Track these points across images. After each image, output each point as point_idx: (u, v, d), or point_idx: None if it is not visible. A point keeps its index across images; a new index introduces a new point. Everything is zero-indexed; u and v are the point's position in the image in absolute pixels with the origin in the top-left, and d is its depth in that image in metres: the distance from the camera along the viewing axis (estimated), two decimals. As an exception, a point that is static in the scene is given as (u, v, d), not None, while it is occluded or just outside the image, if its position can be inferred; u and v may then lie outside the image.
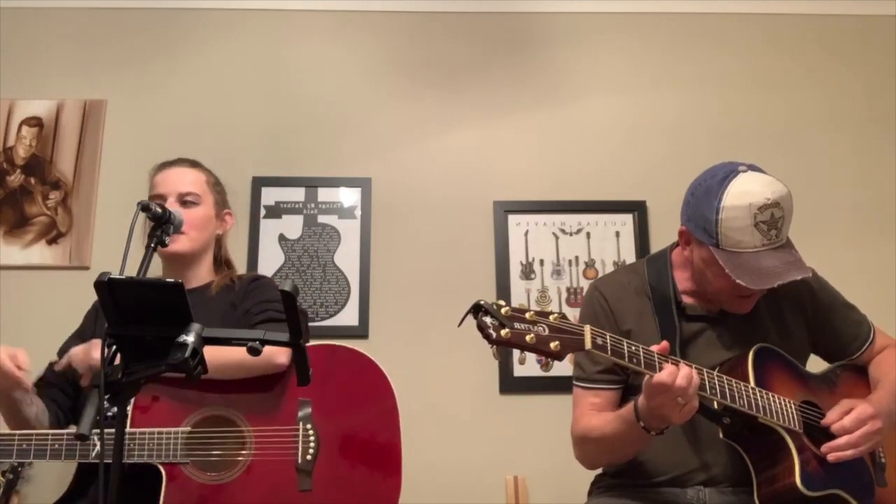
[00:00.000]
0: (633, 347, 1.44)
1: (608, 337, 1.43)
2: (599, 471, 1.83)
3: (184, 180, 1.99)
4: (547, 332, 1.35)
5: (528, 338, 1.33)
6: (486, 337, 1.31)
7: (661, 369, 1.43)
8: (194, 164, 2.07)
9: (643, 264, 1.84)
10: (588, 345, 1.39)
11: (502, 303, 1.35)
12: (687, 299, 1.75)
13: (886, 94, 3.05)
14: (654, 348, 1.47)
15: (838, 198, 2.94)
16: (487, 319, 1.31)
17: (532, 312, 1.35)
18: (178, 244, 1.91)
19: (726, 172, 1.64)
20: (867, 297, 1.94)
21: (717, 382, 1.51)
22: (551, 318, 1.37)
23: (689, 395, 1.42)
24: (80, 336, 1.92)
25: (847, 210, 2.93)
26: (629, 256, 2.83)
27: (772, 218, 1.59)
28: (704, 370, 1.51)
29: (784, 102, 3.04)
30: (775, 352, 1.68)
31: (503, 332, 1.31)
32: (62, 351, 1.88)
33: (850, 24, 3.13)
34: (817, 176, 2.95)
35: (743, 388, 1.54)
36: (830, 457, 1.55)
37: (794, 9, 3.13)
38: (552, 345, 1.34)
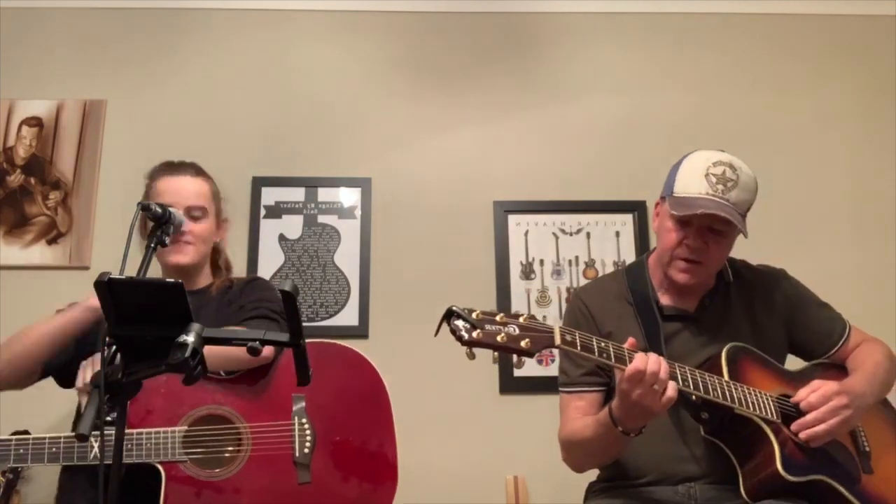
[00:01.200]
0: (603, 343, 1.49)
1: (577, 334, 1.47)
2: (594, 476, 1.86)
3: (191, 192, 1.98)
4: (517, 331, 1.40)
5: (499, 337, 1.38)
6: (459, 339, 1.36)
7: (631, 361, 1.47)
8: (198, 171, 2.06)
9: (623, 272, 1.90)
10: (557, 341, 1.44)
11: (474, 308, 1.40)
12: (663, 299, 1.79)
13: (886, 94, 3.05)
14: (625, 345, 1.51)
15: (838, 198, 2.94)
16: (459, 323, 1.37)
17: (502, 315, 1.42)
18: (184, 256, 1.93)
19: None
20: (867, 297, 1.95)
21: (689, 375, 1.55)
22: (521, 319, 1.42)
23: (663, 379, 1.46)
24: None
25: (846, 210, 2.93)
26: (629, 256, 2.83)
27: (723, 175, 1.69)
28: (675, 364, 1.54)
29: (784, 102, 3.03)
30: (748, 350, 1.71)
31: (475, 333, 1.36)
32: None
33: (850, 24, 3.13)
34: (817, 176, 2.95)
35: (717, 381, 1.58)
36: (802, 434, 1.57)
37: (794, 9, 3.13)
38: (523, 343, 1.39)
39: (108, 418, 1.19)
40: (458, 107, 2.99)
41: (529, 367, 2.72)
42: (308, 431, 1.78)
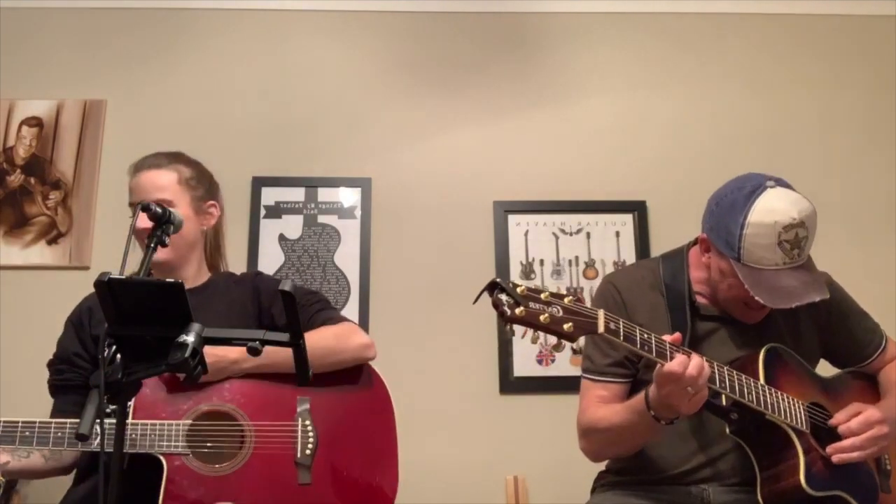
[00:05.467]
0: (646, 335, 1.44)
1: (621, 322, 1.42)
2: (602, 468, 1.83)
3: (153, 185, 1.89)
4: (561, 313, 1.35)
5: (542, 317, 1.33)
6: (501, 314, 1.31)
7: (671, 359, 1.43)
8: (170, 160, 1.96)
9: (658, 261, 1.83)
10: (601, 328, 1.39)
11: (519, 282, 1.35)
12: (701, 299, 1.74)
13: (886, 95, 3.05)
14: (667, 338, 1.46)
15: (838, 198, 2.94)
16: (503, 297, 1.31)
17: (547, 293, 1.35)
18: (157, 253, 1.74)
19: (753, 187, 1.62)
20: (867, 297, 1.94)
21: (726, 376, 1.51)
22: (566, 300, 1.37)
23: (700, 385, 1.43)
24: (67, 360, 1.90)
25: (847, 210, 2.93)
26: (629, 256, 2.83)
27: (796, 238, 1.58)
28: (715, 363, 1.50)
29: (784, 102, 3.03)
30: (786, 353, 1.67)
31: (518, 310, 1.31)
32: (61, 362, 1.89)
33: (850, 24, 3.13)
34: (817, 176, 2.94)
35: (752, 385, 1.54)
36: (835, 458, 1.55)
37: (793, 9, 3.13)
38: (565, 326, 1.34)
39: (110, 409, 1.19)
40: (459, 107, 2.99)
41: (529, 368, 2.72)
42: (311, 433, 1.78)
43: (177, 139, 2.84)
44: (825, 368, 1.83)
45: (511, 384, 2.70)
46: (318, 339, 1.80)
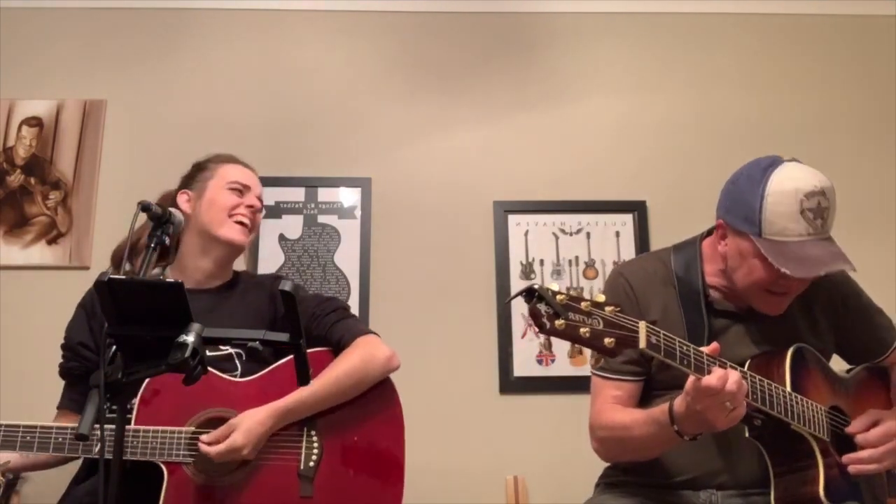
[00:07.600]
0: (685, 348, 1.37)
1: (662, 336, 1.36)
2: (603, 467, 1.80)
3: (260, 186, 2.10)
4: (602, 325, 1.27)
5: (582, 331, 1.25)
6: (540, 326, 1.23)
7: (709, 372, 1.37)
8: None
9: (669, 253, 1.77)
10: (642, 343, 1.31)
11: (556, 288, 1.26)
12: (715, 294, 1.70)
13: (886, 94, 3.05)
14: (706, 350, 1.41)
15: (838, 198, 2.92)
16: (542, 307, 1.22)
17: (588, 302, 1.27)
18: (241, 235, 1.96)
19: (770, 162, 1.61)
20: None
21: (758, 386, 1.47)
22: (607, 309, 1.28)
23: (739, 400, 1.38)
24: (70, 348, 1.92)
25: (847, 210, 2.90)
26: (629, 256, 2.82)
27: (818, 206, 1.54)
28: (748, 374, 1.46)
29: (784, 102, 3.03)
30: (811, 353, 1.65)
31: (557, 322, 1.23)
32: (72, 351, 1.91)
33: (850, 24, 3.13)
34: (817, 176, 2.94)
35: (781, 393, 1.50)
36: (852, 469, 1.53)
37: (793, 9, 3.13)
38: (606, 341, 1.27)
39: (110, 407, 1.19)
40: (458, 107, 2.99)
41: (529, 367, 2.72)
42: (315, 444, 1.76)
43: (177, 139, 2.86)
44: (835, 363, 1.83)
45: (511, 384, 2.70)
46: (347, 367, 1.81)
